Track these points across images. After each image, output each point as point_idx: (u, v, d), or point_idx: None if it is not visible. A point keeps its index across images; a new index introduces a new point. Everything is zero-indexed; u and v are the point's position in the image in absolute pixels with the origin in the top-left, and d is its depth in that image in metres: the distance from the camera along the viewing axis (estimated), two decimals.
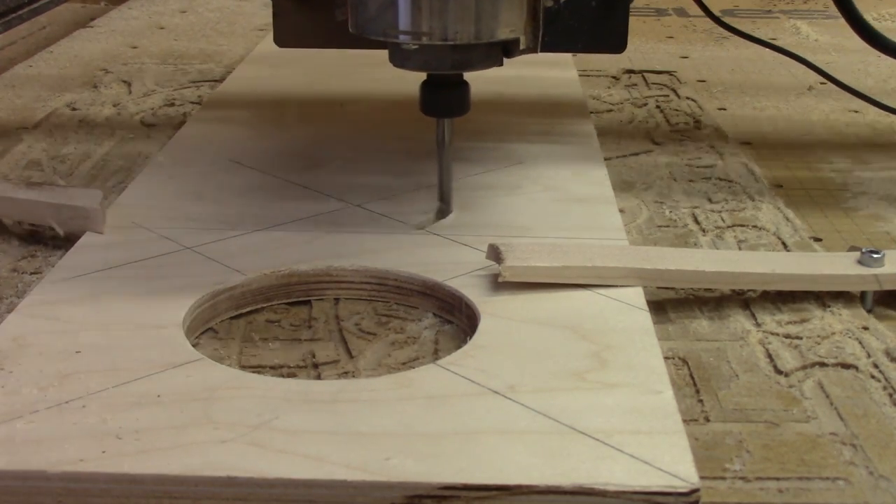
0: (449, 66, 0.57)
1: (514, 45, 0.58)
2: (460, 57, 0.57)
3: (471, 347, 0.47)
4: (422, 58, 0.57)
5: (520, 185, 0.67)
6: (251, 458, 0.38)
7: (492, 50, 0.58)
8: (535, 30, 0.59)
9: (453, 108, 0.60)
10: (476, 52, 0.57)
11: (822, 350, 0.51)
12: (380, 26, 0.56)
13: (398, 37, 0.56)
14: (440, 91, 0.60)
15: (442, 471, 0.38)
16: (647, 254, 0.55)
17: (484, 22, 0.55)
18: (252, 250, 0.57)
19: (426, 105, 0.60)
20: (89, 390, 0.43)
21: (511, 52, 0.59)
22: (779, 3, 1.42)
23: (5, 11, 1.22)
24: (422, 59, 0.57)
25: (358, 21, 0.57)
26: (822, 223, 0.67)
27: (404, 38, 0.56)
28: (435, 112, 0.60)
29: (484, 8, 0.55)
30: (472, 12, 0.55)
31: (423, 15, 0.55)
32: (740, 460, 0.43)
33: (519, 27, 0.57)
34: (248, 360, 0.49)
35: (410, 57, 0.57)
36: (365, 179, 0.68)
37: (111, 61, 1.08)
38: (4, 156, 0.79)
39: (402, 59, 0.58)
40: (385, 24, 0.56)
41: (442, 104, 0.60)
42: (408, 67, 0.58)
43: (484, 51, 0.57)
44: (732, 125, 0.88)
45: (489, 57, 0.58)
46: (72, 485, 0.37)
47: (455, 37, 0.55)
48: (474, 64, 0.58)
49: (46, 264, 0.59)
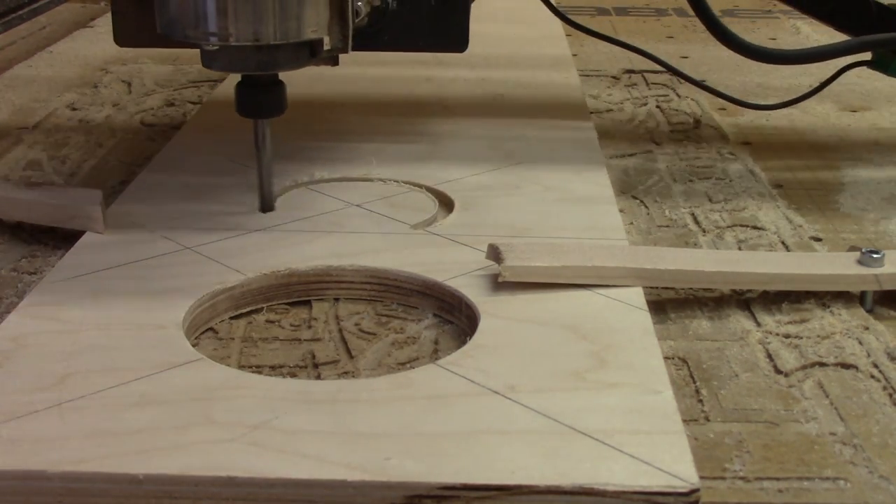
0: (254, 67, 0.57)
1: (319, 45, 0.58)
2: (265, 57, 0.57)
3: (471, 347, 0.47)
4: (226, 58, 0.57)
5: (520, 185, 0.67)
6: (251, 458, 0.38)
7: (298, 50, 0.57)
8: (342, 30, 0.58)
9: (267, 109, 0.59)
10: (281, 52, 0.57)
11: (822, 350, 0.51)
12: (182, 27, 0.56)
13: (201, 38, 0.55)
14: (253, 91, 0.59)
15: (442, 471, 0.38)
16: (647, 254, 0.55)
17: (286, 22, 0.55)
18: (252, 250, 0.57)
19: (240, 106, 0.59)
20: (89, 390, 0.43)
21: (317, 52, 0.58)
22: (779, 3, 1.42)
23: (5, 11, 1.22)
24: (226, 60, 0.57)
25: (163, 21, 0.57)
26: (822, 223, 0.67)
27: (209, 38, 0.55)
28: (249, 113, 0.60)
29: (285, 8, 0.55)
30: (272, 12, 0.55)
31: (224, 15, 0.54)
32: (740, 460, 0.43)
33: (322, 27, 0.57)
34: (248, 360, 0.49)
35: (216, 57, 0.57)
36: (365, 179, 0.68)
37: (111, 61, 1.08)
38: (4, 156, 0.79)
39: (209, 59, 0.57)
40: (187, 25, 0.55)
41: (256, 104, 0.59)
42: (214, 68, 0.58)
43: (290, 51, 0.57)
44: (732, 125, 0.88)
45: (296, 57, 0.58)
46: (72, 485, 0.37)
47: (258, 37, 0.55)
48: (281, 64, 0.57)
49: (46, 264, 0.59)
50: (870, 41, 0.73)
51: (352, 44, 0.59)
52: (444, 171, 0.69)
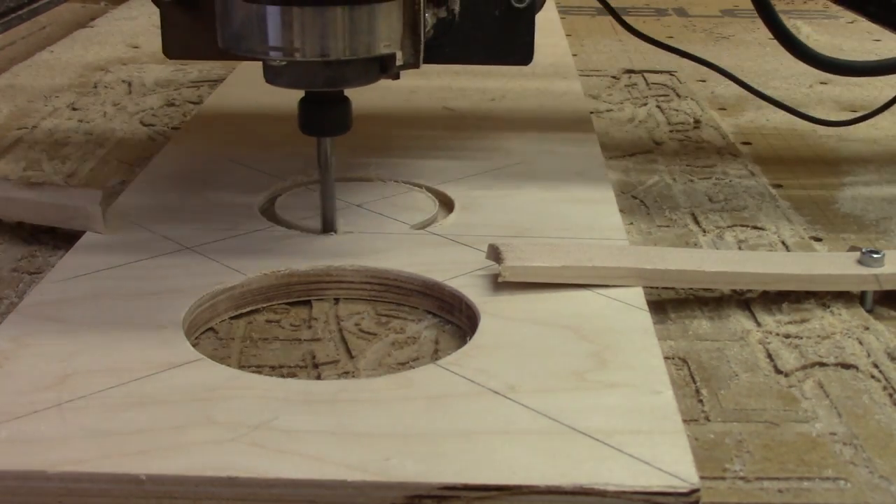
0: (322, 83, 0.55)
1: (391, 61, 0.56)
2: (334, 73, 0.54)
3: (471, 347, 0.47)
4: (293, 74, 0.54)
5: (520, 185, 0.67)
6: (251, 458, 0.38)
7: (368, 65, 0.55)
8: (414, 44, 0.56)
9: (333, 127, 0.57)
10: (351, 68, 0.54)
11: (822, 350, 0.51)
12: (246, 43, 0.53)
13: (266, 53, 0.53)
14: (318, 108, 0.57)
15: (442, 471, 0.38)
16: (647, 254, 0.55)
17: (358, 37, 0.53)
18: (252, 250, 0.57)
19: (304, 123, 0.57)
20: (89, 390, 0.43)
21: (388, 68, 0.56)
22: (779, 3, 1.42)
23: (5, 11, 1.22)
24: (293, 76, 0.54)
25: (225, 36, 0.54)
26: (822, 223, 0.67)
27: (273, 54, 0.53)
28: (313, 131, 0.57)
29: (357, 23, 0.53)
30: (344, 27, 0.52)
31: (291, 31, 0.52)
32: (740, 460, 0.43)
33: (395, 42, 0.55)
34: (248, 360, 0.49)
35: (281, 73, 0.55)
36: (365, 179, 0.68)
37: (111, 61, 1.08)
38: (4, 156, 0.79)
39: (274, 75, 0.55)
40: (251, 41, 0.53)
41: (320, 122, 0.57)
42: (279, 84, 0.55)
43: (359, 67, 0.55)
44: (732, 125, 0.88)
45: (365, 73, 0.55)
46: (72, 485, 0.37)
47: (327, 53, 0.53)
48: (349, 80, 0.55)
49: (46, 264, 0.59)
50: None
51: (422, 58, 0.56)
52: (444, 171, 0.69)
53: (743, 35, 1.22)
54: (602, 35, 1.22)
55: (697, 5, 1.41)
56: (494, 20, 0.61)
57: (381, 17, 0.53)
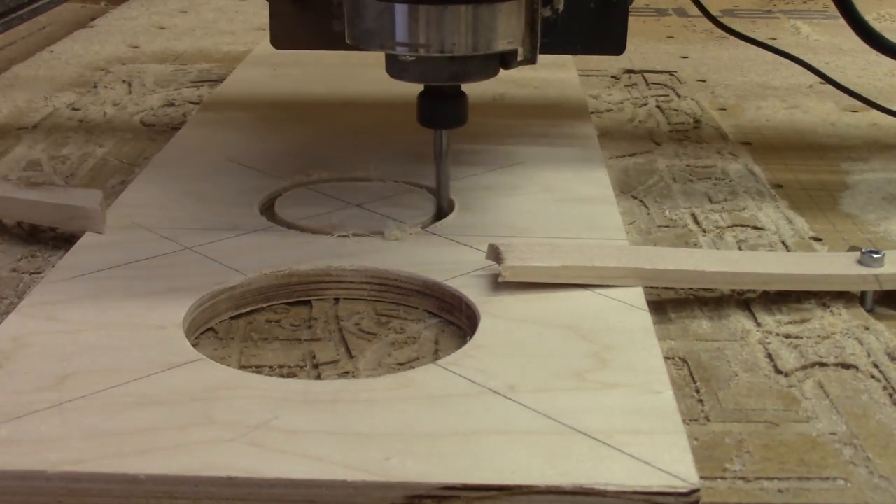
0: (446, 78, 0.57)
1: (512, 57, 0.58)
2: (458, 68, 0.57)
3: (471, 347, 0.47)
4: (419, 69, 0.57)
5: (520, 185, 0.67)
6: (251, 458, 0.38)
7: (490, 61, 0.58)
8: (532, 41, 0.58)
9: (451, 120, 0.60)
10: (474, 63, 0.57)
11: (822, 350, 0.51)
12: (377, 38, 0.56)
13: (395, 48, 0.55)
14: (438, 102, 0.59)
15: (442, 471, 0.38)
16: (647, 254, 0.55)
17: (482, 34, 0.55)
18: (252, 250, 0.57)
19: (424, 116, 0.60)
20: (89, 390, 0.43)
21: (509, 64, 0.58)
22: (779, 3, 1.42)
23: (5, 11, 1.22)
24: (419, 71, 0.57)
25: (355, 33, 0.57)
26: (822, 223, 0.67)
27: (401, 49, 0.55)
28: (433, 123, 0.60)
29: (482, 20, 0.55)
30: (469, 24, 0.54)
31: (421, 27, 0.54)
32: (740, 460, 0.43)
33: (517, 38, 0.57)
34: (248, 360, 0.49)
35: (407, 68, 0.57)
36: (365, 179, 0.68)
37: (111, 61, 1.08)
38: (4, 156, 0.79)
39: (399, 70, 0.58)
40: (382, 37, 0.55)
41: (440, 115, 0.60)
42: (405, 79, 0.58)
43: (482, 62, 0.57)
44: (732, 125, 0.88)
45: (487, 68, 0.58)
46: (72, 485, 0.37)
47: (453, 49, 0.55)
48: (472, 75, 0.57)
49: (46, 264, 0.59)
50: None
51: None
52: None
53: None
54: None
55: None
56: (590, 12, 0.64)
57: (504, 15, 0.55)
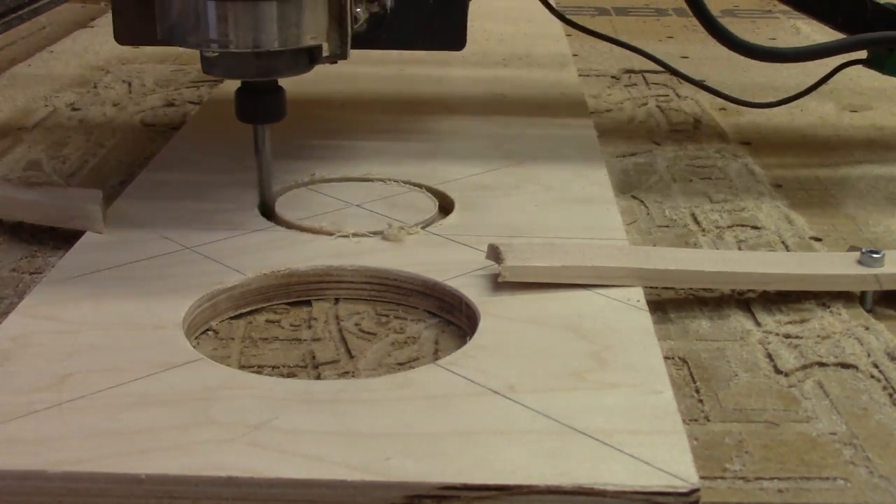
0: (254, 73, 0.57)
1: (318, 52, 0.58)
2: (265, 64, 0.57)
3: (471, 347, 0.47)
4: (225, 65, 0.57)
5: (520, 185, 0.67)
6: (251, 458, 0.38)
7: (298, 57, 0.57)
8: (341, 36, 0.58)
9: (267, 114, 0.59)
10: (281, 59, 0.57)
11: (822, 350, 0.51)
12: (182, 34, 0.55)
13: (201, 45, 0.55)
14: (253, 97, 0.59)
15: (442, 471, 0.38)
16: (647, 254, 0.55)
17: (285, 29, 0.55)
18: (252, 250, 0.57)
19: (240, 111, 0.59)
20: (89, 390, 0.43)
21: (316, 59, 0.58)
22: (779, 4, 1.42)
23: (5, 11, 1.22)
24: (225, 66, 0.57)
25: (163, 27, 0.56)
26: (822, 223, 0.67)
27: (207, 45, 0.55)
28: (249, 118, 0.60)
29: (284, 16, 0.55)
30: (271, 20, 0.54)
31: (226, 22, 0.54)
32: (740, 460, 0.43)
33: (321, 34, 0.57)
34: (248, 360, 0.49)
35: (215, 64, 0.57)
36: (365, 179, 0.68)
37: (111, 61, 1.08)
38: (4, 156, 0.79)
39: (208, 65, 0.57)
40: (187, 32, 0.55)
41: (255, 110, 0.59)
42: (214, 74, 0.58)
43: (289, 58, 0.57)
44: (732, 125, 0.88)
45: (295, 64, 0.58)
46: (72, 485, 0.37)
47: (257, 44, 0.55)
48: (280, 71, 0.57)
49: (46, 264, 0.59)
50: (864, 39, 0.73)
51: (350, 49, 0.58)
52: (444, 171, 0.69)
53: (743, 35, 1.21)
54: None
55: None
56: (429, 7, 0.64)
57: (307, 10, 0.56)
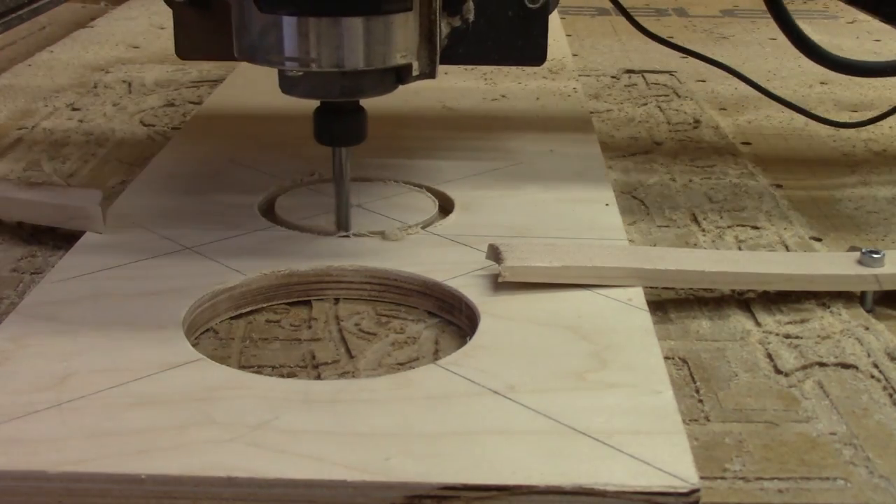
0: (338, 94, 0.55)
1: (407, 71, 0.55)
2: (350, 84, 0.54)
3: (471, 347, 0.47)
4: (309, 84, 0.54)
5: (520, 185, 0.67)
6: (251, 458, 0.38)
7: (384, 76, 0.55)
8: (430, 54, 0.56)
9: (348, 137, 0.57)
10: (367, 78, 0.54)
11: (822, 350, 0.51)
12: (263, 53, 0.53)
13: (283, 63, 0.53)
14: (334, 118, 0.57)
15: (442, 471, 0.38)
16: (647, 254, 0.55)
17: (374, 48, 0.52)
18: (252, 250, 0.57)
19: (319, 133, 0.57)
20: (89, 390, 0.43)
21: (405, 78, 0.56)
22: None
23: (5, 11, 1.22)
24: (309, 86, 0.55)
25: (241, 46, 0.54)
26: (822, 223, 0.67)
27: (289, 64, 0.53)
28: (329, 141, 0.57)
29: (373, 34, 0.52)
30: (360, 38, 0.52)
31: (308, 41, 0.52)
32: (740, 460, 0.43)
33: (412, 52, 0.55)
34: (248, 360, 0.49)
35: (297, 84, 0.55)
36: (365, 179, 0.68)
37: (111, 61, 1.08)
38: (4, 156, 0.79)
39: (289, 85, 0.55)
40: (269, 51, 0.53)
41: (336, 132, 0.57)
42: (295, 94, 0.55)
43: (376, 77, 0.55)
44: (732, 125, 0.88)
45: (382, 83, 0.55)
46: (72, 485, 0.37)
47: (343, 63, 0.52)
48: (366, 91, 0.55)
49: (46, 264, 0.59)
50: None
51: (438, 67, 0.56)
52: (444, 172, 0.69)
53: (743, 35, 1.22)
54: (602, 35, 1.22)
55: (697, 5, 1.41)
56: (508, 21, 0.61)
57: (397, 28, 0.53)
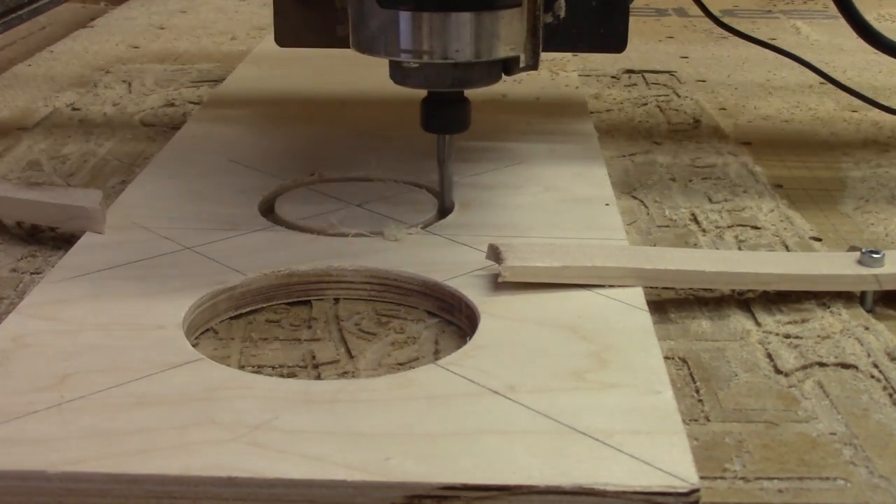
0: (449, 84, 0.58)
1: (514, 63, 0.58)
2: (460, 74, 0.57)
3: (471, 347, 0.47)
4: (422, 75, 0.57)
5: (520, 185, 0.67)
6: (251, 458, 0.38)
7: (492, 67, 0.58)
8: (534, 47, 0.58)
9: (454, 125, 0.60)
10: (476, 69, 0.57)
11: (822, 350, 0.51)
12: (381, 45, 0.56)
13: (399, 55, 0.56)
14: (441, 108, 0.60)
15: (442, 471, 0.38)
16: (647, 254, 0.55)
17: (484, 40, 0.56)
18: (252, 250, 0.57)
19: (428, 122, 0.60)
20: (89, 390, 0.43)
21: (511, 70, 0.59)
22: (779, 3, 1.42)
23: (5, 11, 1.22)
24: (422, 77, 0.58)
25: (359, 39, 0.58)
26: (822, 223, 0.67)
27: (405, 56, 0.56)
28: (436, 129, 0.61)
29: (484, 27, 0.55)
30: (472, 31, 0.55)
31: (424, 34, 0.55)
32: (740, 460, 0.43)
33: (519, 45, 0.57)
34: (248, 360, 0.49)
35: (411, 75, 0.58)
36: (365, 179, 0.68)
37: (111, 61, 1.08)
38: (4, 156, 0.79)
39: (403, 76, 0.58)
40: (386, 44, 0.56)
41: (443, 121, 0.60)
42: (409, 85, 0.58)
43: (484, 68, 0.58)
44: (732, 125, 0.88)
45: (489, 74, 0.58)
46: (72, 485, 0.37)
47: (455, 55, 0.55)
48: (474, 81, 0.58)
49: (46, 264, 0.59)
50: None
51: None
52: None
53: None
54: None
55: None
56: (592, 10, 0.66)
57: (507, 22, 0.56)
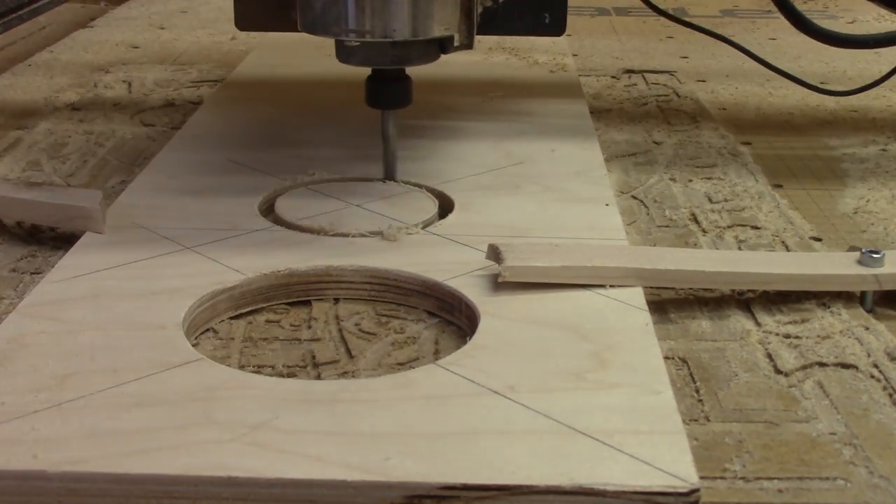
0: (389, 62, 0.62)
1: (449, 42, 0.63)
2: (400, 53, 0.62)
3: (471, 347, 0.47)
4: (364, 54, 0.62)
5: (520, 185, 0.67)
6: (251, 458, 0.38)
7: (429, 46, 0.63)
8: (468, 28, 0.63)
9: (396, 101, 0.65)
10: (414, 48, 0.62)
11: (822, 350, 0.51)
12: (325, 25, 0.60)
13: (342, 35, 0.60)
14: (384, 85, 0.64)
15: (442, 471, 0.38)
16: (647, 254, 0.55)
17: (420, 20, 0.60)
18: (252, 250, 0.57)
19: (371, 98, 0.65)
20: (89, 390, 0.43)
21: (447, 49, 0.63)
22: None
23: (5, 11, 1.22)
24: (364, 55, 0.62)
25: (305, 20, 0.62)
26: (822, 223, 0.67)
27: (349, 35, 0.60)
28: (379, 104, 0.65)
29: (420, 8, 0.60)
30: (409, 11, 0.59)
31: (366, 14, 0.59)
32: (740, 460, 0.43)
33: (453, 25, 0.62)
34: (248, 360, 0.49)
35: (354, 53, 0.62)
36: (365, 180, 0.68)
37: (111, 61, 1.08)
38: (4, 156, 0.79)
39: (346, 55, 0.63)
40: (330, 23, 0.60)
41: (386, 97, 0.64)
42: (352, 63, 0.63)
43: (422, 47, 0.62)
44: (733, 125, 0.88)
45: (427, 53, 0.63)
46: (72, 485, 0.37)
47: (394, 34, 0.60)
48: (413, 59, 0.63)
49: (46, 264, 0.59)
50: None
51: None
52: (444, 171, 0.69)
53: (743, 35, 1.21)
54: (602, 35, 1.22)
55: (697, 5, 1.41)
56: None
57: (440, 3, 0.61)
